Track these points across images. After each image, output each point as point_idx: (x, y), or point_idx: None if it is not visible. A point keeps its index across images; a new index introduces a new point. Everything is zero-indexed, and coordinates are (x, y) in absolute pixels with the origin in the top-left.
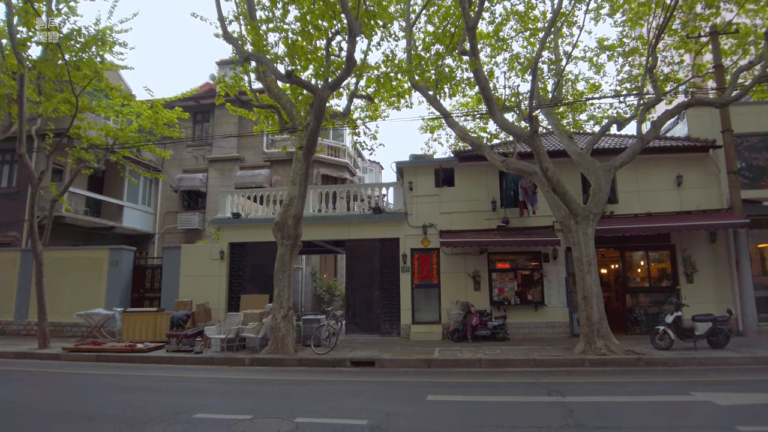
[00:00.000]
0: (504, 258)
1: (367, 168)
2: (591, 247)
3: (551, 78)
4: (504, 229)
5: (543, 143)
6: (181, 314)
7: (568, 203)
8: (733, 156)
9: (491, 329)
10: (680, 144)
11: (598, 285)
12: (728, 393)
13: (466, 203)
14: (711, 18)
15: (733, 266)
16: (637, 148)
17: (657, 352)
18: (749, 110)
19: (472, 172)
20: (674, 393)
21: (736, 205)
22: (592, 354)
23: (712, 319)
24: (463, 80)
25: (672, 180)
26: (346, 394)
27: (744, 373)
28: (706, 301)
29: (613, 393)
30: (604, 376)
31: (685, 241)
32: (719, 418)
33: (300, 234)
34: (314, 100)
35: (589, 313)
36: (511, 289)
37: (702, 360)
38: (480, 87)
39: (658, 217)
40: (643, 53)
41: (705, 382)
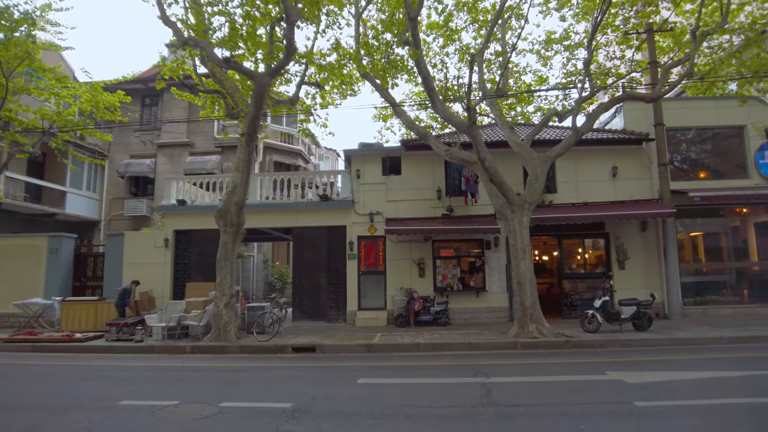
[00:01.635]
0: (448, 245)
1: (323, 155)
2: (526, 235)
3: (498, 69)
4: (448, 218)
5: (490, 134)
6: (122, 291)
7: (505, 192)
8: (663, 149)
9: (434, 314)
10: (615, 137)
11: (532, 271)
12: (639, 372)
13: (412, 191)
14: (651, 16)
15: (661, 254)
16: (572, 140)
17: (586, 334)
18: (682, 105)
19: (419, 161)
20: (591, 373)
21: (666, 195)
22: (525, 337)
23: (637, 303)
24: (414, 69)
25: (608, 171)
26: (281, 379)
27: (660, 353)
28: (637, 287)
29: (535, 373)
30: (532, 358)
31: (619, 230)
32: (622, 395)
33: (243, 221)
34: (254, 86)
35: (523, 298)
36: (454, 275)
37: (625, 342)
38: (422, 77)
39: (594, 206)
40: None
41: (622, 362)
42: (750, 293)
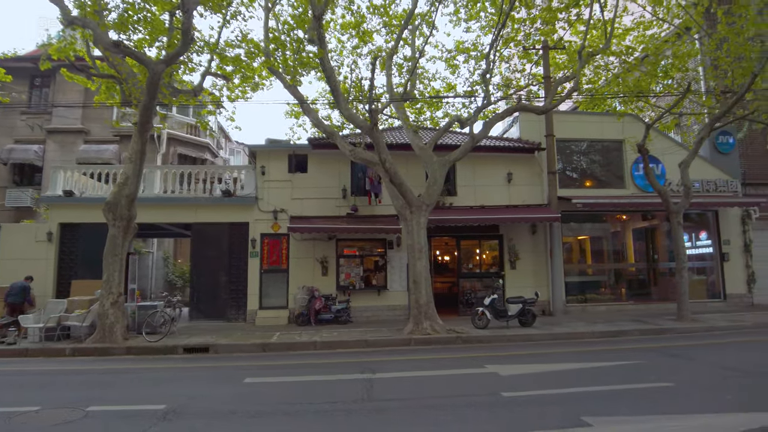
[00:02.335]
0: (352, 244)
1: (235, 150)
2: (423, 235)
3: (407, 74)
4: (353, 217)
5: (397, 136)
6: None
7: (404, 194)
8: (553, 158)
9: (335, 313)
10: (511, 145)
11: (428, 270)
12: (516, 365)
13: (318, 190)
14: (550, 34)
15: (548, 255)
16: (469, 146)
17: (476, 330)
18: (572, 119)
19: (326, 160)
20: (472, 366)
21: (553, 201)
22: (419, 334)
23: (522, 301)
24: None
25: (503, 176)
26: (164, 380)
27: (538, 347)
28: (526, 285)
29: (421, 369)
30: (422, 354)
31: (512, 232)
32: (493, 387)
33: (134, 215)
34: (148, 73)
35: (418, 296)
36: (357, 274)
37: (510, 337)
38: (326, 76)
39: (490, 209)
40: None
41: (502, 356)
42: (624, 292)
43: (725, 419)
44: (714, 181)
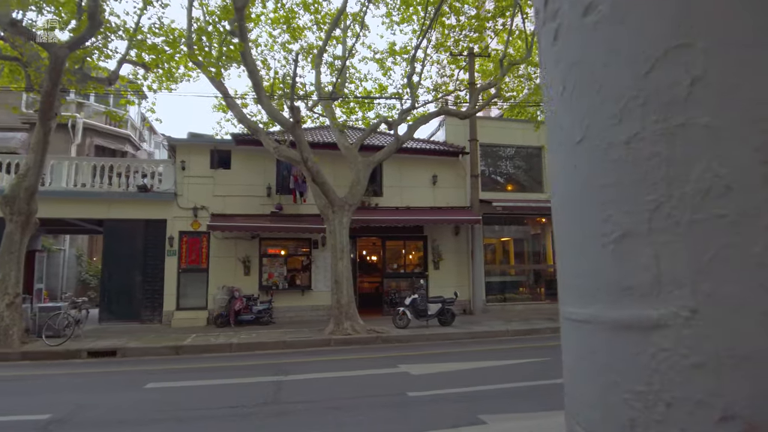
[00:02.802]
0: (276, 244)
1: (161, 143)
2: (345, 235)
3: (333, 73)
4: (277, 216)
5: (327, 135)
6: None
7: (327, 193)
8: (476, 161)
9: (256, 314)
10: (436, 148)
11: (350, 270)
12: (428, 364)
13: (241, 187)
14: (479, 42)
15: (469, 256)
16: (393, 147)
17: (396, 330)
18: (495, 124)
19: (250, 157)
20: (386, 366)
21: (475, 203)
22: (339, 334)
23: (442, 301)
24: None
25: (429, 179)
26: (58, 387)
27: (454, 346)
28: (449, 285)
29: (335, 369)
30: (341, 354)
31: (435, 233)
32: (401, 386)
33: (35, 210)
34: (50, 58)
35: (340, 296)
36: (281, 274)
37: (429, 336)
38: (248, 71)
39: (415, 210)
40: (420, 60)
41: (417, 355)
42: (541, 291)
43: None
44: None
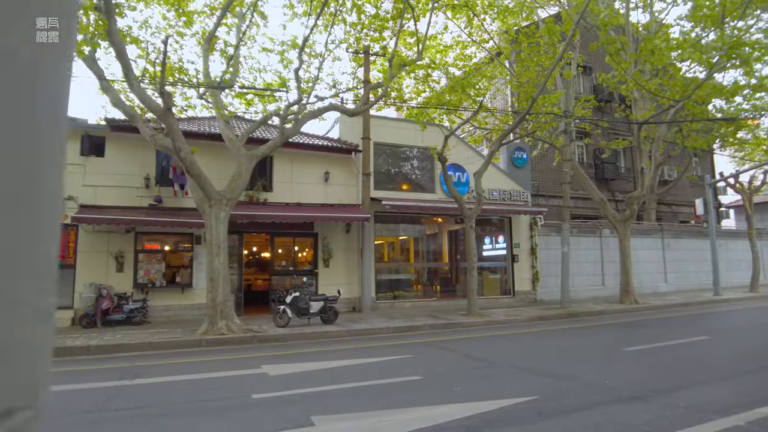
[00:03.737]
0: (154, 238)
1: None
2: (222, 231)
3: (230, 61)
4: (156, 209)
5: (215, 126)
6: None
7: (203, 186)
8: (368, 160)
9: (127, 313)
10: (329, 144)
11: (226, 268)
12: (292, 364)
13: (117, 177)
14: (380, 41)
15: (359, 254)
16: (278, 142)
17: (276, 329)
18: (389, 124)
19: (128, 144)
20: (247, 367)
21: (366, 201)
22: (213, 334)
23: (324, 299)
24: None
25: (321, 175)
26: None
27: (330, 344)
28: (339, 283)
29: (191, 372)
30: (207, 356)
31: (326, 231)
32: (251, 388)
33: None
34: None
35: (215, 294)
36: (159, 270)
37: (309, 335)
38: (115, 51)
39: (305, 207)
40: (323, 56)
41: (284, 355)
42: (430, 289)
43: (438, 410)
44: (510, 191)
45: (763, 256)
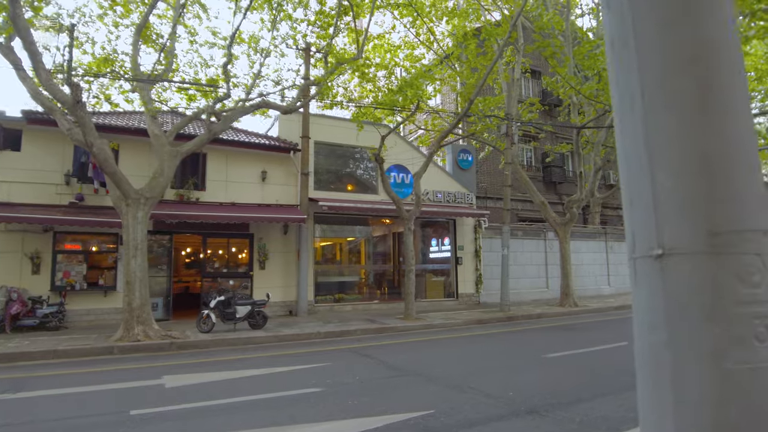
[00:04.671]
0: (74, 238)
1: None
2: (140, 231)
3: (165, 54)
4: (76, 207)
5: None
6: None
7: (118, 184)
8: (305, 159)
9: (41, 318)
10: (266, 143)
11: (144, 270)
12: (195, 374)
13: (34, 173)
14: (326, 38)
15: (297, 255)
16: (205, 138)
17: (199, 335)
18: (331, 123)
19: (47, 139)
20: (147, 378)
21: (304, 202)
22: (127, 341)
23: (252, 303)
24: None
25: (258, 174)
26: None
27: (249, 351)
28: (275, 285)
29: (86, 383)
30: (115, 364)
31: (262, 231)
32: (137, 402)
33: None
34: None
35: (131, 298)
36: (80, 272)
37: (232, 341)
38: (20, 37)
39: (241, 207)
40: (270, 52)
41: (194, 363)
42: (373, 292)
43: (318, 428)
44: (454, 193)
45: None
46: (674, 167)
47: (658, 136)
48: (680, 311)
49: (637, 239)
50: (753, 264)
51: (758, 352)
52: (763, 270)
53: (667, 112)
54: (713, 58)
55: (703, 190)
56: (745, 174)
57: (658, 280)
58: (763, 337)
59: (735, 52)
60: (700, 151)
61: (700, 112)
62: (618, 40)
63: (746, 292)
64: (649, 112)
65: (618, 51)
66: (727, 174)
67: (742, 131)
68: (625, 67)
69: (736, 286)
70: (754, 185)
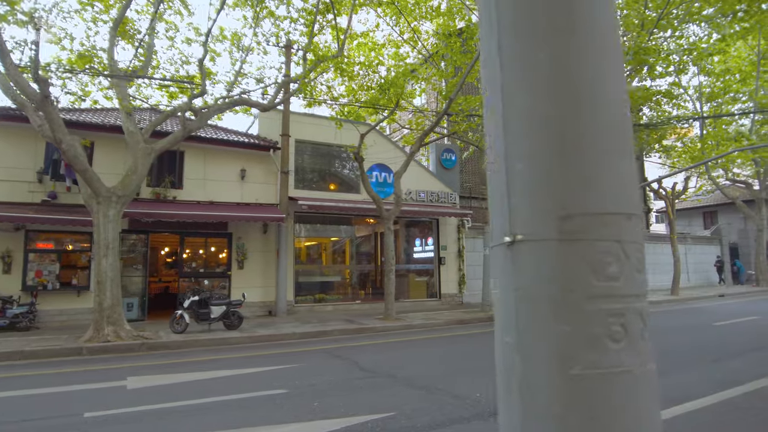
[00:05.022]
0: (47, 237)
1: None
2: (111, 230)
3: (138, 47)
4: (49, 205)
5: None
6: None
7: (89, 182)
8: (286, 158)
9: (11, 318)
10: (245, 141)
11: (115, 270)
12: (160, 375)
13: (5, 170)
14: (309, 36)
15: (276, 255)
16: (179, 135)
17: (172, 336)
18: (313, 121)
19: (19, 135)
20: (111, 379)
21: (283, 201)
22: (97, 341)
23: (227, 303)
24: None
25: (237, 173)
26: None
27: (223, 352)
28: (254, 286)
29: (46, 385)
30: (83, 365)
31: (241, 231)
32: (95, 404)
33: None
34: None
35: (102, 298)
36: (53, 272)
37: (206, 342)
38: None
39: (219, 206)
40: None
41: (163, 365)
42: (354, 292)
43: (285, 429)
44: (437, 192)
45: (688, 260)
46: (527, 150)
47: (514, 120)
48: (529, 308)
49: (495, 227)
50: (611, 252)
51: (611, 355)
52: (624, 259)
53: (523, 93)
54: (579, 32)
55: (555, 172)
56: (605, 156)
57: (509, 273)
58: (619, 337)
59: (606, 28)
60: (555, 132)
61: (553, 94)
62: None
63: (601, 285)
64: (507, 94)
65: (484, 28)
66: (584, 156)
67: (604, 115)
68: (485, 42)
69: (589, 277)
70: (616, 166)
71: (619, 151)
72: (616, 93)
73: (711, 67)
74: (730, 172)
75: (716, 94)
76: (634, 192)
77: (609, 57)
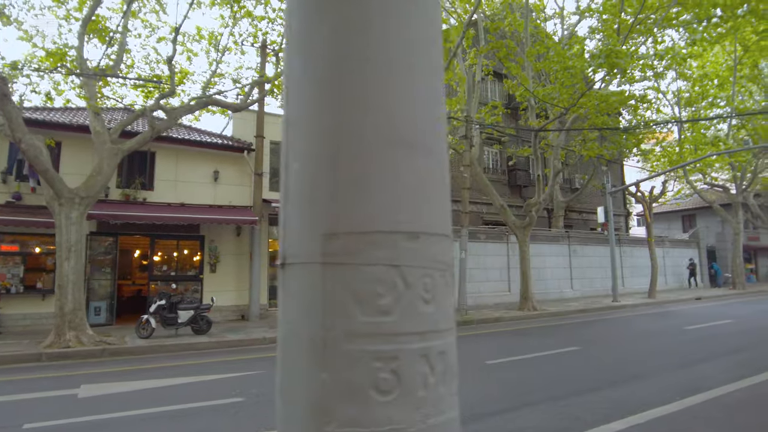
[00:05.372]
0: (12, 239)
1: None
2: (74, 232)
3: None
4: (13, 206)
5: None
6: None
7: (50, 182)
8: (259, 159)
9: None
10: (218, 142)
11: (78, 273)
12: (115, 383)
13: None
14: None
15: (250, 258)
16: (147, 136)
17: (137, 341)
18: None
19: None
20: (64, 387)
21: (257, 203)
22: (58, 347)
23: (195, 307)
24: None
25: (210, 174)
26: None
27: (186, 358)
28: (227, 289)
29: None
30: (38, 372)
31: (214, 233)
32: (39, 415)
33: None
34: None
35: (63, 302)
36: (16, 275)
37: (171, 347)
38: None
39: (190, 208)
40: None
41: (118, 372)
42: None
43: None
44: None
45: (666, 263)
46: (302, 152)
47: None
48: (292, 347)
49: (284, 245)
50: (383, 280)
51: (376, 409)
52: (401, 289)
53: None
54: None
55: (322, 176)
56: (384, 155)
57: (281, 302)
58: (388, 386)
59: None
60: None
61: (335, 81)
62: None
63: (366, 321)
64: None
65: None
66: (357, 154)
67: (389, 102)
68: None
69: (354, 311)
70: (398, 169)
71: (405, 147)
72: (408, 82)
73: (690, 72)
74: (708, 176)
75: (694, 99)
76: (426, 205)
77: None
